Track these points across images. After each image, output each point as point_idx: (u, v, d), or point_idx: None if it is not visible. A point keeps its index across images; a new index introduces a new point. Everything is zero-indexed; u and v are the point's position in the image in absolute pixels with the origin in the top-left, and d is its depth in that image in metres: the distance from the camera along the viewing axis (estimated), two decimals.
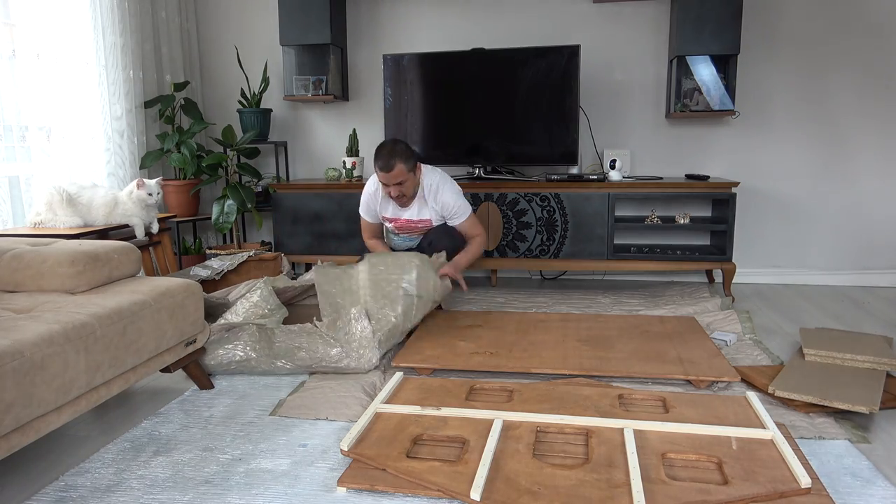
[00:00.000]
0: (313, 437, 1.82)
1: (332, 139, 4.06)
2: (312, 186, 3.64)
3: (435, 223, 2.96)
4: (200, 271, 3.12)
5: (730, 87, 3.46)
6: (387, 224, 3.06)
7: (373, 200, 2.98)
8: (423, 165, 2.92)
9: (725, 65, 3.48)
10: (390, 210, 2.97)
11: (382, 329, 2.36)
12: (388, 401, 1.96)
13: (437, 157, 3.66)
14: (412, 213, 2.95)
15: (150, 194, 2.99)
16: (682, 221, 3.41)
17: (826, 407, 1.91)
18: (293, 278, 3.91)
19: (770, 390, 1.99)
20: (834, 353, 2.21)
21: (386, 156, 2.72)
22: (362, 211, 3.04)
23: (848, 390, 1.94)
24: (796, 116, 3.59)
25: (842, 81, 3.51)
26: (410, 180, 2.81)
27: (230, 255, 3.36)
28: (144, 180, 3.01)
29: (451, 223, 2.95)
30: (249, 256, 3.37)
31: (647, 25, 3.64)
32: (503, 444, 1.67)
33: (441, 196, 2.88)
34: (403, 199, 2.86)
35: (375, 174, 2.83)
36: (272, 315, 2.50)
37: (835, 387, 1.97)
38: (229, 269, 3.23)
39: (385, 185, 2.80)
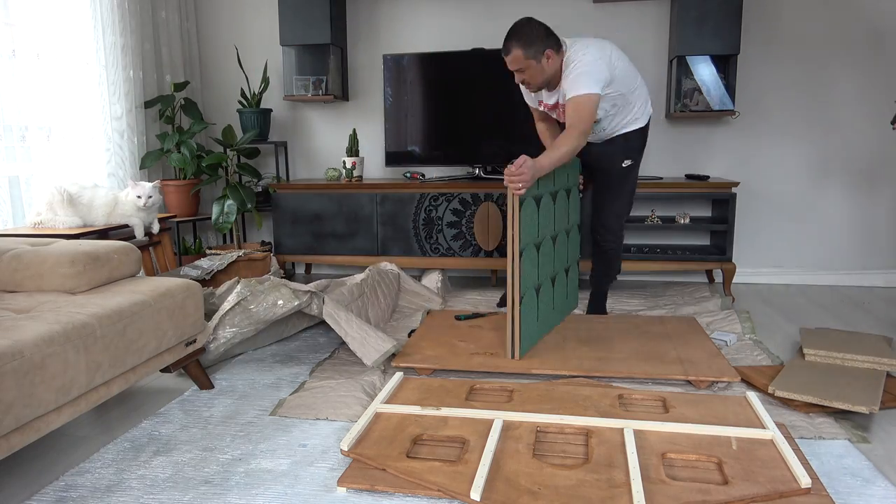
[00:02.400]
0: (313, 437, 1.82)
1: (332, 139, 4.06)
2: (312, 186, 3.63)
3: None
4: (190, 271, 3.13)
5: (730, 87, 3.46)
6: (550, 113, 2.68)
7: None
8: (582, 41, 2.47)
9: (725, 65, 3.48)
10: (543, 94, 2.62)
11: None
12: (388, 401, 1.96)
13: (437, 157, 3.67)
14: (558, 97, 2.56)
15: (139, 196, 2.89)
16: (682, 221, 3.41)
17: (826, 407, 1.91)
18: (286, 277, 3.91)
19: (770, 390, 1.99)
20: (834, 353, 2.21)
21: (508, 35, 2.40)
22: (528, 100, 2.71)
23: (848, 390, 1.94)
24: (796, 116, 3.59)
25: (842, 81, 3.51)
26: (533, 68, 2.42)
27: (220, 255, 3.37)
28: (139, 183, 2.94)
29: (565, 97, 2.47)
30: (239, 256, 3.38)
31: (647, 25, 3.64)
32: (503, 444, 1.67)
33: (571, 55, 2.44)
34: (531, 87, 2.52)
35: None
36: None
37: (835, 387, 1.97)
38: (219, 269, 3.24)
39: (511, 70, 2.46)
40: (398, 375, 2.14)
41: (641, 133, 2.71)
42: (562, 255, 2.68)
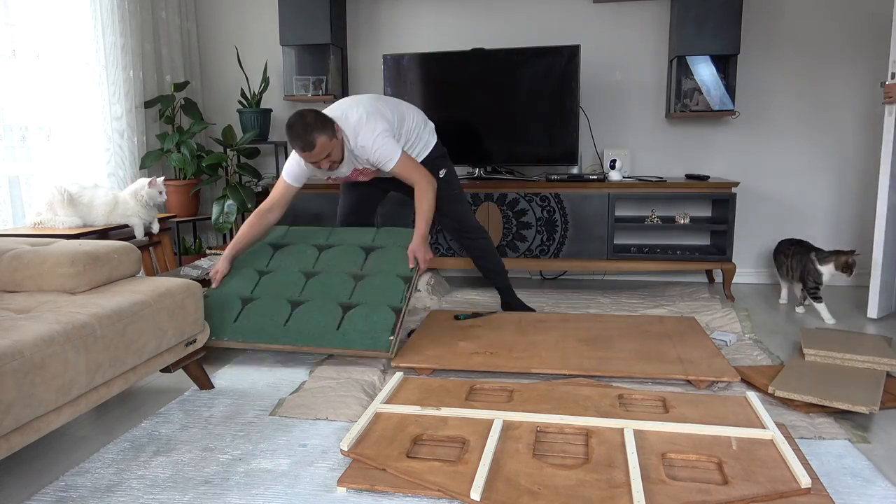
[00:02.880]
0: (313, 437, 1.82)
1: None
2: (312, 186, 3.63)
3: (375, 170, 2.72)
4: (190, 271, 3.13)
5: (730, 87, 3.46)
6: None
7: (303, 169, 2.69)
8: (353, 110, 2.60)
9: (725, 65, 3.48)
10: (327, 174, 2.71)
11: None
12: (388, 401, 1.96)
13: None
14: (347, 171, 2.72)
15: (160, 192, 3.04)
16: (682, 221, 3.41)
17: (826, 407, 1.91)
18: None
19: (770, 390, 1.99)
20: (834, 353, 2.21)
21: (302, 134, 2.42)
22: (288, 176, 2.70)
23: (848, 390, 1.94)
24: (796, 116, 3.59)
25: (842, 81, 3.51)
26: (336, 147, 2.52)
27: (220, 255, 3.36)
28: (155, 179, 3.04)
29: (383, 170, 2.64)
30: None
31: (647, 25, 3.64)
32: (503, 444, 1.67)
33: (360, 139, 2.56)
34: (335, 165, 2.58)
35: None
36: None
37: (835, 387, 1.97)
38: None
39: (313, 163, 2.54)
40: (398, 375, 2.14)
41: (431, 158, 2.85)
42: (328, 290, 2.57)
